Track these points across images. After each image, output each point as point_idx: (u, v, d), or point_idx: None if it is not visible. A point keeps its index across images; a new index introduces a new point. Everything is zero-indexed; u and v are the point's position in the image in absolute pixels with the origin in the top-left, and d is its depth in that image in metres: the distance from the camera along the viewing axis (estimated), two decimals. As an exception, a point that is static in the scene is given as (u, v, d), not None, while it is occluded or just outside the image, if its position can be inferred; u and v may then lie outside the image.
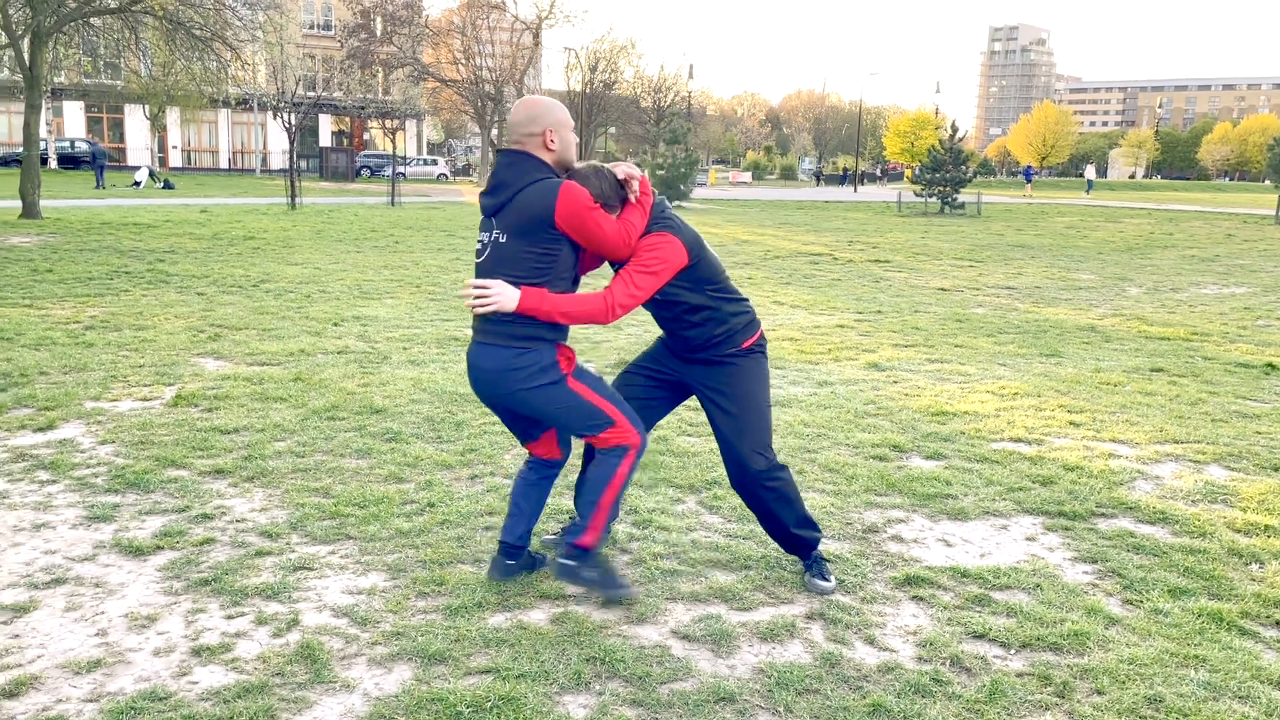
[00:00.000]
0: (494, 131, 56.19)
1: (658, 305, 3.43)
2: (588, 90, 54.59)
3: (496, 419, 5.61)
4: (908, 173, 69.97)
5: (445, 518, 4.08)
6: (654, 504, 4.32)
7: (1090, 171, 58.30)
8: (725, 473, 4.71)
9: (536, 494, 3.54)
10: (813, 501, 4.39)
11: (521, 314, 3.15)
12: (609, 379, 4.96)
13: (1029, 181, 55.31)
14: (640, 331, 8.70)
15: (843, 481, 4.69)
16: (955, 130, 33.31)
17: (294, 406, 5.79)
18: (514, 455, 4.96)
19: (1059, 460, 5.09)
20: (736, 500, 4.38)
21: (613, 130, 65.73)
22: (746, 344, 3.48)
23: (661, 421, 5.58)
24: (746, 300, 3.54)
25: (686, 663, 2.99)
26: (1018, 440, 5.46)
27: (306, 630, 3.13)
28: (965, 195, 31.74)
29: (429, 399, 6.05)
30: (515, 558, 3.51)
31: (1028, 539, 4.07)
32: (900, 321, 9.61)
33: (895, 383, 6.84)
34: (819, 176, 65.12)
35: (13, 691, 2.72)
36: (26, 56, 19.90)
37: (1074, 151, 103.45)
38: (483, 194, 3.27)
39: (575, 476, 3.92)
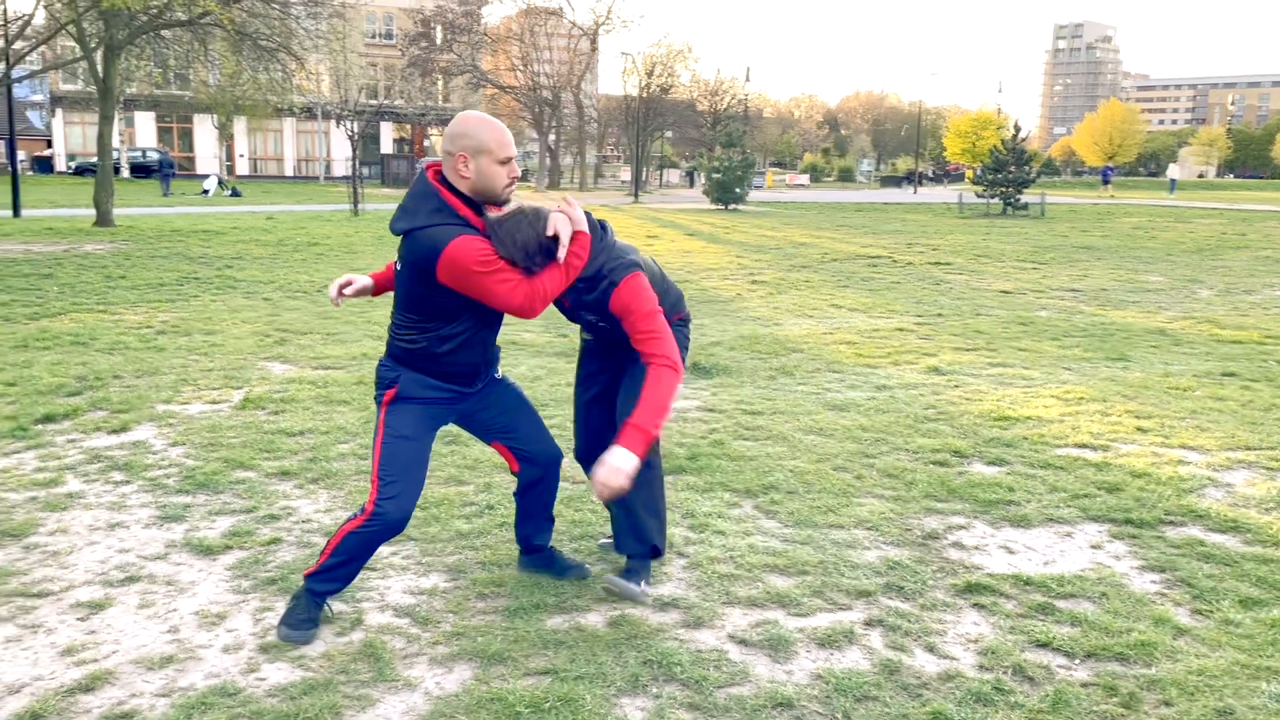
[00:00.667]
0: (551, 137, 56.60)
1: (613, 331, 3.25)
2: (644, 94, 54.72)
3: (554, 420, 5.66)
4: (968, 173, 68.89)
5: (504, 520, 4.12)
6: (710, 508, 4.32)
7: (1174, 170, 56.49)
8: (780, 478, 4.72)
9: (522, 502, 3.56)
10: (871, 507, 4.35)
11: (397, 349, 3.12)
12: None
13: (1107, 183, 53.78)
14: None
15: (902, 487, 4.64)
16: (1018, 130, 32.75)
17: (357, 410, 5.90)
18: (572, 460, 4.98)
19: (1126, 467, 4.98)
20: (795, 505, 4.37)
21: (669, 134, 65.77)
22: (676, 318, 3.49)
23: (719, 426, 5.59)
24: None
25: (744, 667, 2.99)
26: (1083, 446, 5.36)
27: (369, 629, 3.18)
28: (1028, 196, 31.16)
29: (488, 402, 6.11)
30: (528, 554, 3.62)
31: (1093, 547, 3.99)
32: (961, 325, 9.48)
33: (956, 387, 6.75)
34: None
35: (89, 686, 2.81)
36: (100, 69, 20.54)
37: (1142, 150, 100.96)
38: (391, 222, 3.03)
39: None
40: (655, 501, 3.52)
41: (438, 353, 3.06)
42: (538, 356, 7.65)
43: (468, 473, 4.76)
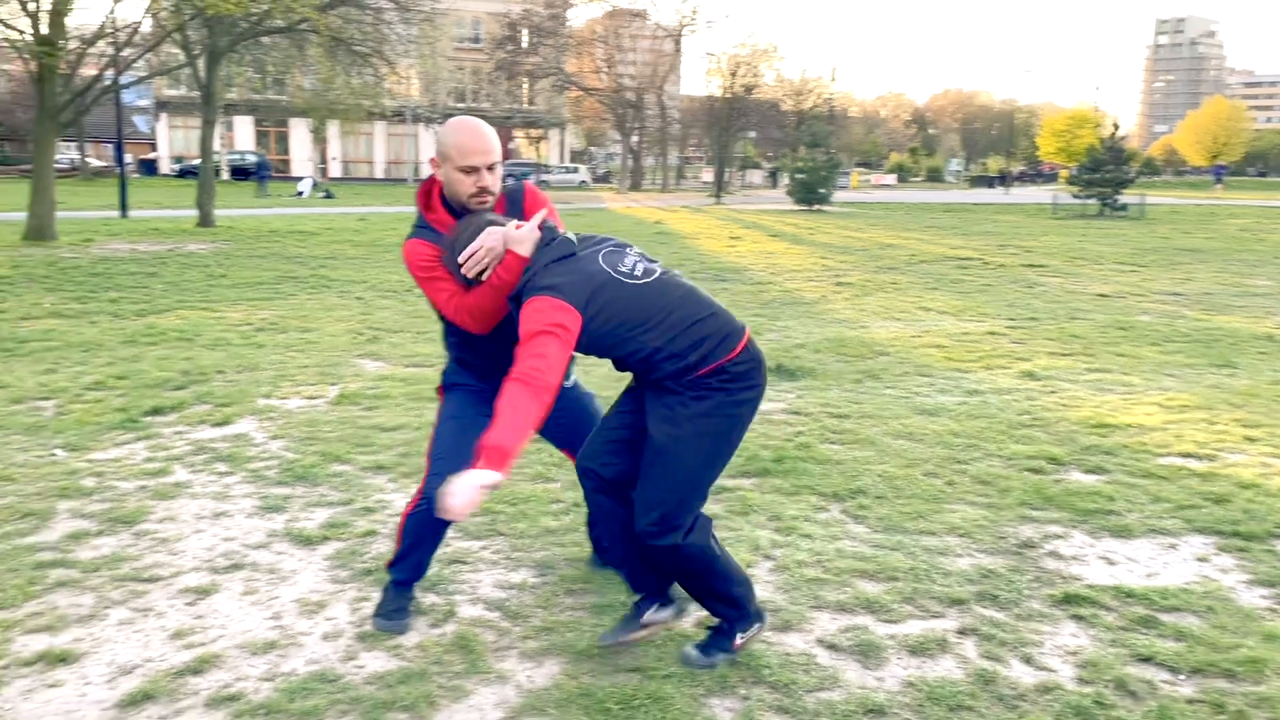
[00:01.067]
0: (634, 138, 56.82)
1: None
2: (727, 95, 54.55)
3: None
4: (1063, 173, 66.96)
5: (591, 518, 4.16)
6: (797, 511, 4.29)
7: None
8: (868, 482, 4.66)
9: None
10: (963, 514, 4.27)
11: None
12: None
13: (1219, 181, 51.91)
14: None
15: (995, 494, 4.54)
16: (1116, 128, 31.76)
17: (446, 406, 6.00)
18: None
19: (1233, 477, 4.78)
20: (884, 510, 4.31)
21: (752, 134, 65.44)
22: (704, 371, 2.74)
23: (804, 429, 5.55)
24: (713, 321, 2.78)
25: (833, 672, 2.96)
26: (1187, 455, 5.16)
27: (462, 622, 3.24)
28: (1127, 196, 30.15)
29: (574, 401, 6.17)
30: (600, 555, 3.59)
31: (1198, 559, 3.85)
32: (1057, 329, 9.22)
33: (1052, 392, 6.57)
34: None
35: (197, 669, 2.92)
36: (203, 74, 21.31)
37: (1249, 149, 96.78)
38: None
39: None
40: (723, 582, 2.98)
41: (455, 353, 3.23)
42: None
43: (555, 470, 4.81)
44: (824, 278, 13.47)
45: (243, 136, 55.93)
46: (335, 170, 57.81)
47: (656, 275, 2.80)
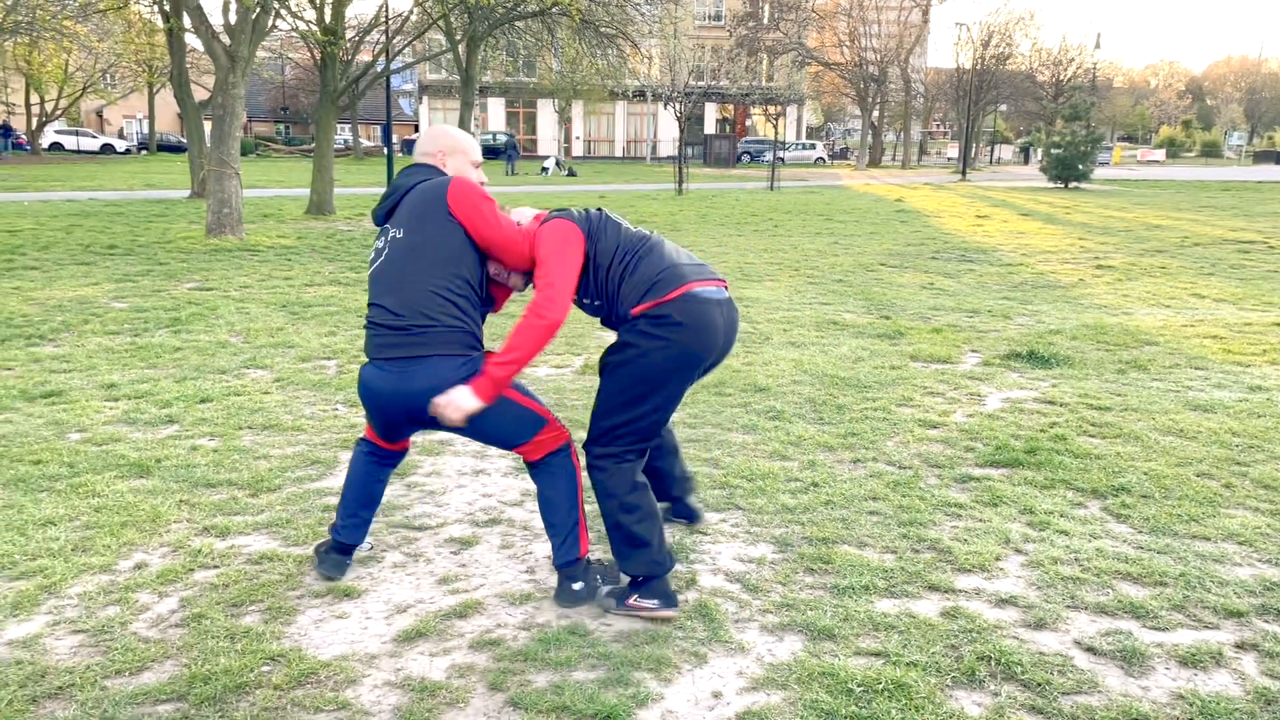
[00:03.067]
0: (875, 113, 55.25)
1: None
2: (978, 66, 51.88)
3: (878, 404, 5.57)
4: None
5: (829, 499, 4.13)
6: (1051, 505, 4.07)
7: None
8: (1133, 480, 4.35)
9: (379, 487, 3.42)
10: (1243, 519, 3.90)
11: (460, 334, 2.94)
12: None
13: None
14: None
15: (1282, 501, 4.12)
16: None
17: (685, 380, 6.12)
18: (896, 442, 4.90)
19: None
20: (1149, 510, 4.01)
21: (1003, 108, 61.94)
22: (634, 311, 3.04)
23: (1060, 420, 5.24)
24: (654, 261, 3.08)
25: (1092, 676, 2.80)
26: None
27: (703, 590, 3.32)
28: None
29: (810, 380, 6.13)
30: (348, 554, 3.43)
31: None
32: (1358, 322, 8.20)
33: (1352, 393, 5.87)
34: None
35: (462, 613, 3.15)
36: (463, 59, 22.61)
37: None
38: (375, 209, 3.17)
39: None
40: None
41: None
42: (859, 337, 7.54)
43: (791, 449, 4.80)
44: (1082, 260, 12.61)
45: (494, 117, 58.96)
46: (578, 149, 59.85)
47: (643, 231, 3.21)
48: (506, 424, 3.07)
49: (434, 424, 3.01)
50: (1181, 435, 5.01)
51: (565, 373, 6.37)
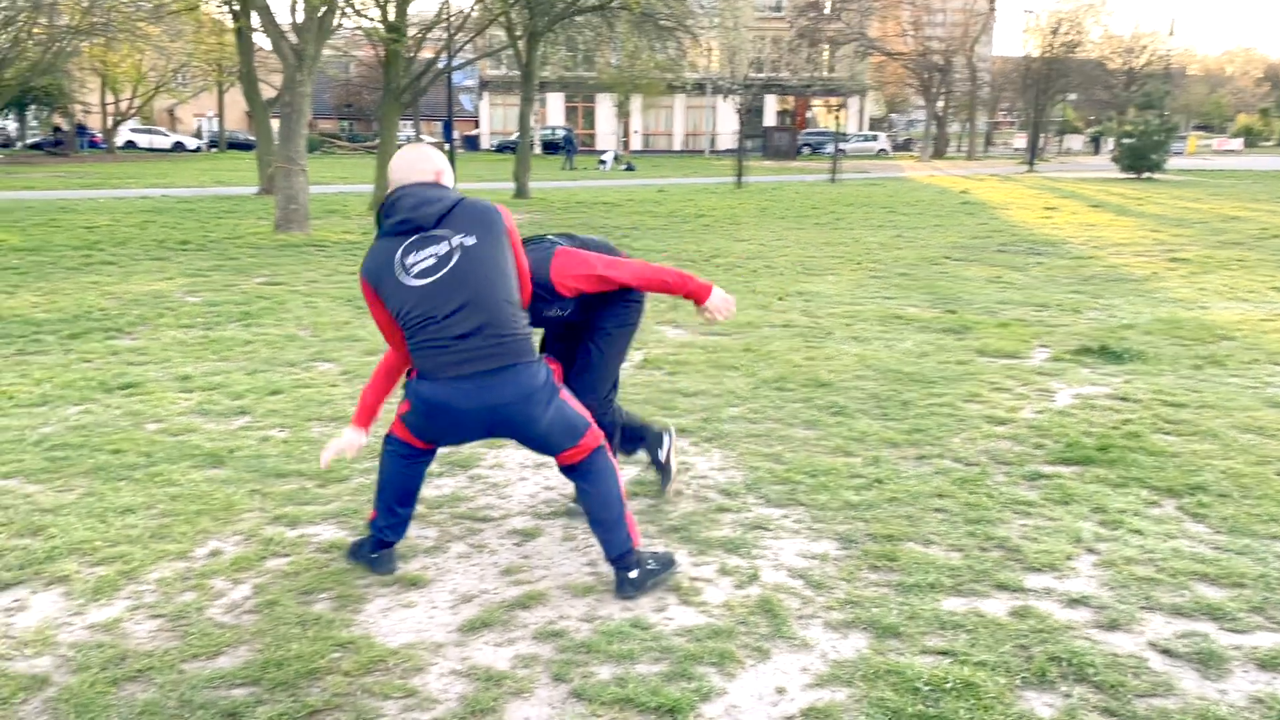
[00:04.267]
0: (939, 103, 54.37)
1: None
2: (1046, 54, 50.73)
3: (944, 400, 5.49)
4: None
5: (894, 495, 4.08)
6: (1124, 504, 3.97)
7: None
8: (1210, 478, 4.22)
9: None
10: (1328, 521, 3.76)
11: (527, 342, 3.08)
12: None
13: None
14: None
15: (1369, 502, 3.96)
16: None
17: (745, 375, 6.10)
18: (963, 439, 4.82)
19: None
20: (1227, 510, 3.90)
21: (1072, 96, 60.49)
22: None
23: (1133, 417, 5.12)
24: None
25: (1167, 679, 2.73)
26: None
27: (765, 586, 3.30)
28: None
29: (874, 375, 6.06)
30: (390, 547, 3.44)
31: None
32: None
33: None
34: None
35: (525, 604, 3.18)
36: (523, 54, 22.75)
37: None
38: (401, 218, 3.00)
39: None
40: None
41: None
42: (923, 332, 7.43)
43: (855, 445, 4.75)
44: (1155, 253, 12.28)
45: (553, 112, 59.25)
46: (636, 143, 59.88)
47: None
48: (563, 426, 3.13)
49: (508, 433, 3.13)
50: (1261, 433, 4.85)
51: (625, 368, 6.38)
